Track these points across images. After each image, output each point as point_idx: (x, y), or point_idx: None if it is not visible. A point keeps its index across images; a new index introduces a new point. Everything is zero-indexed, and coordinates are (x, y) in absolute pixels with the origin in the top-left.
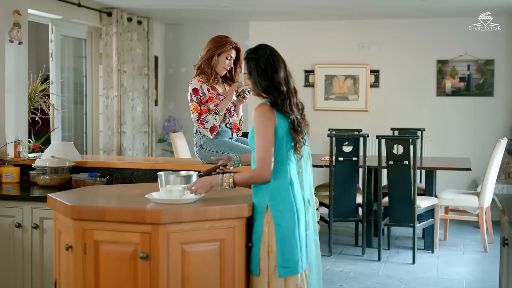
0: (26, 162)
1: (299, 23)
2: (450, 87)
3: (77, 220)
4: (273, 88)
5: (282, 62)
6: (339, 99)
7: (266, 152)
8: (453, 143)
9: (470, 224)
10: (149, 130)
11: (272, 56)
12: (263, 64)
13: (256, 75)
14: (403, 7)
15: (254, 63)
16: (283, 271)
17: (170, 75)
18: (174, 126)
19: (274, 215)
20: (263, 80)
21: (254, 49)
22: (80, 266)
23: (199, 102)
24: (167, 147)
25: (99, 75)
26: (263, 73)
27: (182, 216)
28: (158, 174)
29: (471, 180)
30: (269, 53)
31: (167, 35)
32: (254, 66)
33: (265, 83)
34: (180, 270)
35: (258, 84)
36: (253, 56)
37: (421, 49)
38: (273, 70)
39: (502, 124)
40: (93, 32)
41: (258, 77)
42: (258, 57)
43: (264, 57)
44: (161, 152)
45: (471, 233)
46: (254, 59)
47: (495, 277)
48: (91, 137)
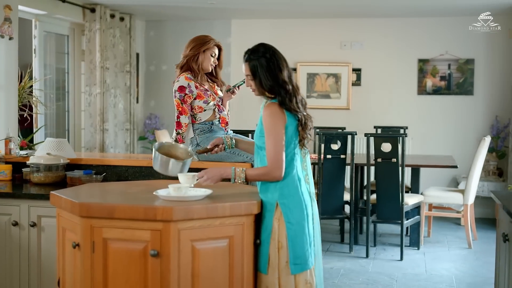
0: (18, 160)
1: (281, 21)
2: (431, 85)
3: (85, 218)
4: (279, 87)
5: (284, 60)
6: (321, 97)
7: (278, 151)
8: (433, 141)
9: (450, 221)
10: (131, 127)
11: (274, 55)
12: (266, 64)
13: (260, 75)
14: (385, 6)
15: (258, 63)
16: (295, 268)
17: (151, 72)
18: (155, 123)
19: (285, 212)
20: (268, 80)
21: (254, 49)
22: (88, 264)
23: (181, 100)
24: (148, 144)
25: (81, 72)
26: (267, 73)
27: (193, 213)
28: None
29: (451, 178)
30: (271, 53)
31: (148, 32)
32: (258, 66)
33: (270, 82)
34: (190, 268)
35: (264, 84)
36: (255, 57)
37: (403, 48)
38: (277, 69)
39: (482, 122)
40: (75, 28)
41: (263, 77)
42: (260, 57)
43: (267, 57)
44: (142, 150)
45: (452, 229)
46: (257, 59)
47: (483, 273)
48: (73, 135)
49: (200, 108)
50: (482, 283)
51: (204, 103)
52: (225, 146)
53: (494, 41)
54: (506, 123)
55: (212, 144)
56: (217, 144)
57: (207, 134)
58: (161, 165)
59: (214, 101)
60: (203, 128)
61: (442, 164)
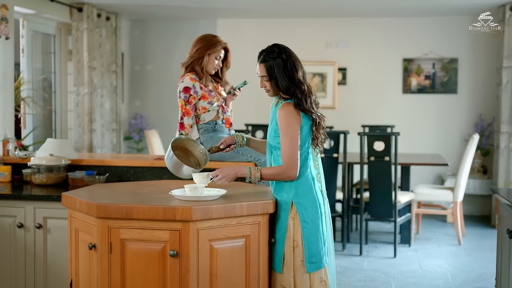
0: (17, 161)
1: (267, 21)
2: (415, 84)
3: (102, 219)
4: (295, 87)
5: (298, 60)
6: None
7: (293, 151)
8: (419, 140)
9: (436, 218)
10: (117, 127)
11: (290, 56)
12: (283, 64)
13: (277, 76)
14: (370, 6)
15: (274, 64)
16: (310, 266)
17: (136, 72)
18: (141, 123)
19: (300, 212)
20: (284, 81)
21: (269, 50)
22: (106, 265)
23: (186, 101)
24: (134, 144)
25: (67, 72)
26: (284, 74)
27: (212, 213)
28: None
29: (437, 175)
30: (287, 54)
31: (132, 32)
32: (274, 67)
33: (287, 83)
34: (208, 267)
35: (280, 85)
36: (271, 57)
37: (388, 47)
38: (293, 70)
39: (466, 120)
40: (61, 28)
41: (279, 78)
42: (276, 58)
43: (283, 58)
44: (127, 150)
45: (439, 227)
46: (273, 60)
47: (477, 269)
48: (60, 135)
49: (204, 108)
50: (477, 278)
51: (208, 103)
52: (237, 145)
53: (478, 40)
54: (490, 121)
55: (225, 143)
56: (229, 144)
57: (211, 134)
58: (174, 166)
59: (218, 102)
60: (207, 128)
61: (433, 162)
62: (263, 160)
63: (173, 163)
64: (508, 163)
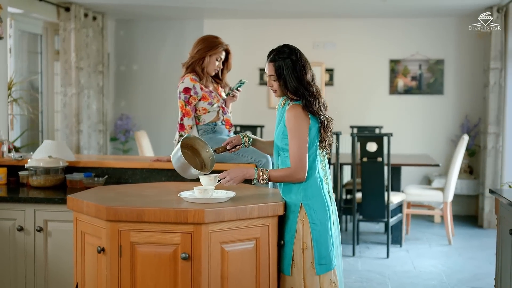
0: (13, 163)
1: (254, 21)
2: (402, 85)
3: (112, 222)
4: (303, 89)
5: (308, 62)
6: None
7: (302, 153)
8: (405, 140)
9: (424, 218)
10: (104, 128)
11: (300, 57)
12: (292, 65)
13: (286, 76)
14: (357, 7)
15: (283, 64)
16: (320, 268)
17: (122, 72)
18: (127, 124)
19: (309, 213)
20: (293, 82)
21: (279, 50)
22: (116, 268)
23: (186, 101)
24: (120, 145)
25: (54, 72)
26: (293, 74)
27: (224, 215)
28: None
29: (423, 176)
30: (297, 55)
31: (118, 32)
32: (283, 67)
33: (295, 84)
34: (219, 270)
35: (289, 85)
36: (280, 57)
37: (375, 49)
38: (302, 71)
39: (452, 121)
40: (48, 27)
41: (288, 78)
42: (286, 58)
43: (293, 59)
44: (113, 151)
45: (427, 227)
46: (283, 60)
47: (470, 268)
48: (46, 136)
49: (204, 109)
50: (471, 278)
51: (208, 104)
52: (243, 145)
53: (464, 42)
54: (476, 122)
55: (231, 143)
56: (235, 144)
57: (210, 135)
58: (181, 166)
59: (218, 103)
60: (206, 129)
61: (423, 162)
62: (264, 162)
63: (181, 164)
64: (495, 164)
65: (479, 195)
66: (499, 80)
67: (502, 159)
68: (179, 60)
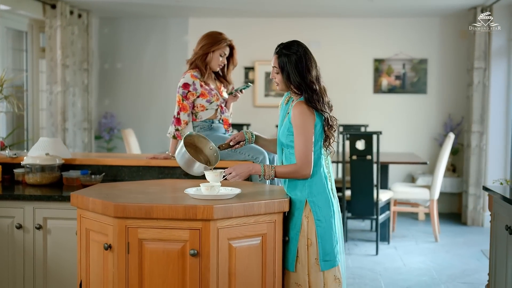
0: (7, 160)
1: (239, 20)
2: (386, 85)
3: (120, 219)
4: (306, 86)
5: (314, 61)
6: (279, 95)
7: (308, 149)
8: (389, 139)
9: (408, 216)
10: (89, 126)
11: (305, 54)
12: (296, 61)
13: (288, 70)
14: (341, 7)
15: (287, 59)
16: (324, 264)
17: (106, 70)
18: (111, 122)
19: (314, 210)
20: (296, 77)
21: (286, 44)
22: (123, 265)
23: (183, 96)
24: (104, 144)
25: (39, 70)
26: (296, 70)
27: (232, 212)
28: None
29: (407, 174)
30: (302, 51)
31: (101, 30)
32: (286, 61)
33: (298, 79)
34: (227, 266)
35: (291, 79)
36: (286, 52)
37: (359, 48)
38: (305, 68)
39: (435, 120)
40: (33, 24)
41: (291, 73)
42: (291, 53)
43: (298, 55)
44: (97, 149)
45: (412, 224)
46: (287, 55)
47: (458, 265)
48: (31, 134)
49: (202, 106)
50: (461, 274)
51: (207, 102)
52: (246, 142)
53: (447, 41)
54: (459, 121)
55: (235, 140)
56: (239, 141)
57: (207, 132)
58: (186, 162)
59: (217, 102)
60: (203, 126)
61: (409, 160)
62: (261, 158)
63: (186, 160)
64: (479, 162)
65: (463, 193)
66: (483, 79)
67: (485, 157)
68: (163, 58)
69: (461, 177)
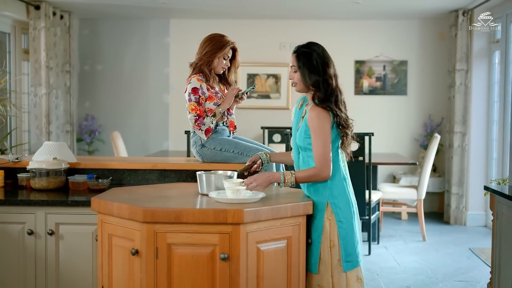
0: (9, 165)
1: (220, 22)
2: (367, 86)
3: (148, 223)
4: (323, 82)
5: (331, 61)
6: (261, 97)
7: (326, 151)
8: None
9: (392, 216)
10: (71, 129)
11: (323, 52)
12: (314, 59)
13: (306, 69)
14: (322, 9)
15: (306, 57)
16: (346, 265)
17: (86, 72)
18: (92, 124)
19: (335, 212)
20: (313, 75)
21: (305, 45)
22: (152, 270)
23: (197, 102)
24: (85, 146)
25: (22, 72)
26: (314, 68)
27: (261, 215)
28: (198, 174)
29: (388, 174)
30: (320, 50)
31: (81, 31)
32: (305, 60)
33: (315, 77)
34: (255, 270)
35: (308, 77)
36: (305, 51)
37: (340, 50)
38: (324, 66)
39: (415, 120)
40: (16, 26)
41: (308, 71)
42: (310, 52)
43: (316, 53)
44: (78, 152)
45: (396, 224)
46: (306, 54)
47: (450, 264)
48: (15, 137)
49: (210, 110)
50: (455, 272)
51: (214, 105)
52: (263, 162)
53: (426, 43)
54: (439, 121)
55: (251, 161)
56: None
57: (213, 135)
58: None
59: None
60: None
61: (395, 161)
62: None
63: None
64: (461, 162)
65: (445, 192)
66: (465, 81)
67: (467, 157)
68: (144, 60)
69: (442, 176)
